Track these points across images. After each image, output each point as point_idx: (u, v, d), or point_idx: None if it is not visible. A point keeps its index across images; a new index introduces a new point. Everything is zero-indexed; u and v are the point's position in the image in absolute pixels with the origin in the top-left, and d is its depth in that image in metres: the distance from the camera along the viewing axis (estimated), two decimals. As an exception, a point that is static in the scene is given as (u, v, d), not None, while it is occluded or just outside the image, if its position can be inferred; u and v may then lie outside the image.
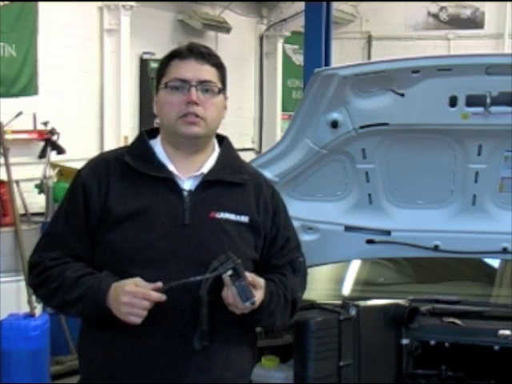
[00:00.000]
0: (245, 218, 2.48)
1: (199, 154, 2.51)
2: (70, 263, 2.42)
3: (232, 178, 2.50)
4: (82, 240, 2.44)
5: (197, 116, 2.42)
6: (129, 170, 2.46)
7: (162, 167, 2.46)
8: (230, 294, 2.32)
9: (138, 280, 2.31)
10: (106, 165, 2.48)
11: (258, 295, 2.36)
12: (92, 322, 2.44)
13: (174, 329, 2.36)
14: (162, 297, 2.30)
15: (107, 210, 2.41)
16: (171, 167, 2.47)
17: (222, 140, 2.60)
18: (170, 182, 2.45)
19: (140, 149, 2.51)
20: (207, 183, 2.47)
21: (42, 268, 2.44)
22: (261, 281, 2.40)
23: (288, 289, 2.52)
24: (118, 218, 2.40)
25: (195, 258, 2.37)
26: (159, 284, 2.30)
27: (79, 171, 2.53)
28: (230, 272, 2.31)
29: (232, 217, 2.46)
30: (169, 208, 2.42)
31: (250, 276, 2.36)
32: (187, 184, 2.46)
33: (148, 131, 2.57)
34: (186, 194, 2.44)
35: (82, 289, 2.35)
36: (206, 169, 2.49)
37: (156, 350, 2.36)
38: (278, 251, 2.56)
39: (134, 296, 2.28)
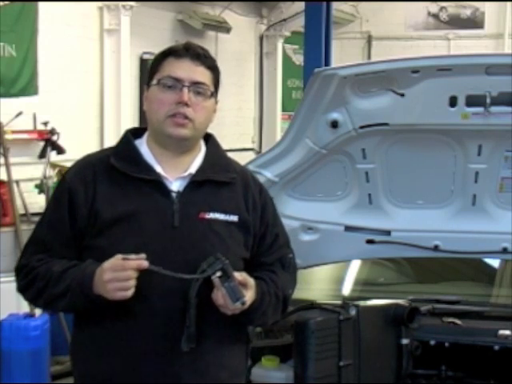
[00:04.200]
0: (234, 217, 2.46)
1: (186, 154, 2.48)
2: (55, 260, 2.39)
3: (220, 177, 2.48)
4: (67, 245, 2.41)
5: (186, 118, 2.39)
6: (115, 172, 2.42)
7: (149, 169, 2.43)
8: (219, 296, 2.30)
9: (118, 256, 2.28)
10: (91, 168, 2.44)
11: (249, 295, 2.35)
12: (83, 322, 2.42)
13: (164, 332, 2.34)
14: (142, 263, 2.25)
15: (95, 215, 2.38)
16: (158, 168, 2.44)
17: (208, 138, 2.57)
18: (157, 184, 2.42)
19: (125, 150, 2.47)
20: (195, 183, 2.45)
21: (29, 269, 2.42)
22: (251, 280, 2.39)
23: (279, 287, 2.51)
24: (106, 223, 2.37)
25: (186, 259, 2.35)
26: (143, 255, 2.27)
27: (64, 175, 2.49)
28: (219, 273, 2.30)
29: (221, 217, 2.44)
30: (158, 210, 2.39)
31: (240, 275, 2.34)
32: (175, 185, 2.44)
33: (132, 131, 2.54)
34: (174, 195, 2.42)
35: (67, 281, 2.33)
36: (193, 169, 2.47)
37: (147, 353, 2.35)
38: (267, 248, 2.55)
39: (113, 270, 2.25)
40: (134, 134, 2.53)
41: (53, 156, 7.52)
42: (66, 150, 7.58)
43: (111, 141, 8.81)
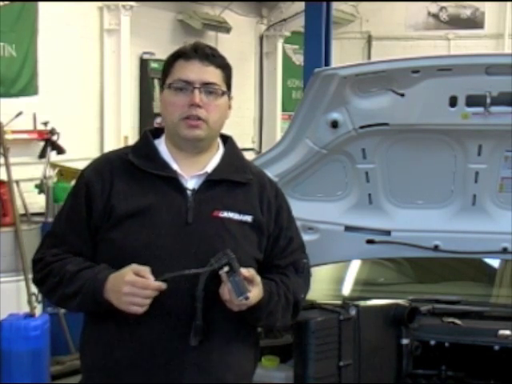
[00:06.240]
0: (248, 218, 2.47)
1: (203, 154, 2.51)
2: (70, 258, 2.43)
3: (236, 177, 2.50)
4: (83, 239, 2.45)
5: (199, 118, 2.42)
6: (132, 168, 2.46)
7: (166, 166, 2.46)
8: (226, 290, 2.32)
9: (134, 266, 2.30)
10: (109, 164, 2.49)
11: (254, 292, 2.35)
12: (93, 317, 2.45)
13: (172, 326, 2.36)
14: (162, 285, 2.29)
15: (110, 209, 2.41)
16: (175, 166, 2.47)
17: (227, 139, 2.60)
18: (173, 181, 2.45)
19: (144, 148, 2.51)
20: (211, 182, 2.47)
21: (44, 263, 2.45)
22: (257, 277, 2.39)
23: (290, 289, 2.51)
24: (121, 217, 2.40)
25: (198, 256, 2.37)
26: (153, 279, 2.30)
27: (83, 171, 2.53)
28: (226, 268, 2.31)
29: (235, 216, 2.46)
30: (172, 207, 2.42)
31: (247, 271, 2.35)
32: (191, 183, 2.46)
33: (152, 131, 2.58)
34: (189, 192, 2.44)
35: (80, 282, 2.36)
36: (210, 168, 2.49)
37: (154, 347, 2.36)
38: (281, 251, 2.55)
39: (134, 285, 2.28)
40: (154, 133, 2.56)
41: (53, 156, 7.52)
42: (66, 150, 7.59)
43: (111, 141, 8.85)
